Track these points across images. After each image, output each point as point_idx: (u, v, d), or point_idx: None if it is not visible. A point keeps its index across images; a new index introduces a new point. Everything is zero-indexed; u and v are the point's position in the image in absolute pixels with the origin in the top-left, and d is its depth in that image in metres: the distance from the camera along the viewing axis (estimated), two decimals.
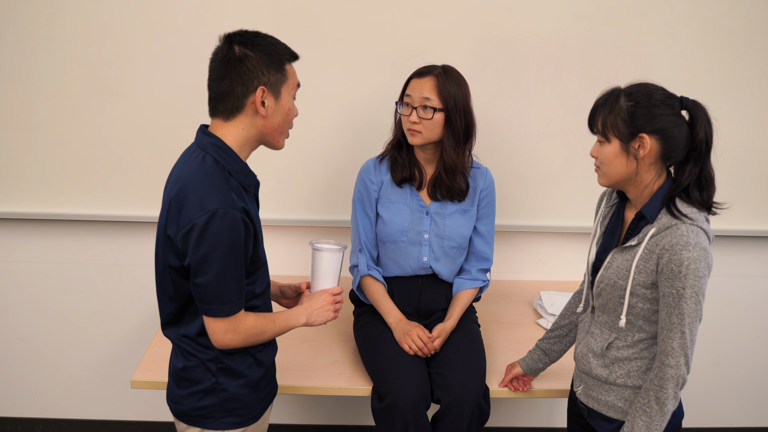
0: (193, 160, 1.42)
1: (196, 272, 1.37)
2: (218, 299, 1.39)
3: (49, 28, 2.20)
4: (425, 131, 1.87)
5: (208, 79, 1.44)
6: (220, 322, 1.42)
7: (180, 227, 1.36)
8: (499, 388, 1.90)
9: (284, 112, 1.46)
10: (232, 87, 1.39)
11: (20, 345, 2.58)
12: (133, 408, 2.67)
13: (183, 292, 1.46)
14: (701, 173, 1.43)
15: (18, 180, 2.34)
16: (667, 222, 1.41)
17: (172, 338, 1.54)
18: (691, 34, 2.29)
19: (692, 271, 1.36)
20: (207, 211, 1.33)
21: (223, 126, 1.43)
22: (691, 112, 1.42)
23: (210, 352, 1.49)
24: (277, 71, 1.42)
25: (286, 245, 2.49)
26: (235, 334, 1.44)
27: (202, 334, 1.48)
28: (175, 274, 1.43)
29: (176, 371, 1.54)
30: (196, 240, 1.34)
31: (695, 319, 1.40)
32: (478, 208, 2.01)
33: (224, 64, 1.40)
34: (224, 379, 1.51)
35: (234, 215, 1.35)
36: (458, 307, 2.01)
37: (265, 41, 1.42)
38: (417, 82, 1.87)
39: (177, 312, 1.49)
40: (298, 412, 2.70)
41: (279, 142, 1.49)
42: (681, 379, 1.42)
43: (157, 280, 1.51)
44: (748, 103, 2.35)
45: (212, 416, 1.52)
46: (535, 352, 1.83)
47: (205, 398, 1.51)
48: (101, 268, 2.50)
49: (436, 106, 1.85)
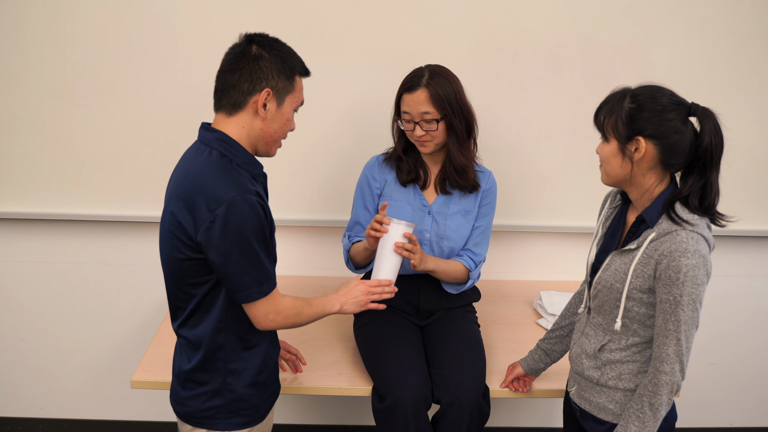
0: (198, 156, 1.43)
1: (225, 262, 1.38)
2: (253, 283, 1.41)
3: (49, 28, 2.20)
4: (434, 139, 1.89)
5: (219, 71, 1.45)
6: (261, 304, 1.44)
7: (198, 223, 1.37)
8: (500, 388, 1.90)
9: (283, 121, 1.47)
10: (239, 81, 1.41)
11: (20, 345, 2.58)
12: (133, 408, 2.67)
13: (198, 287, 1.45)
14: (705, 184, 1.39)
15: (18, 180, 2.34)
16: (667, 227, 1.40)
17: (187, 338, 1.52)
18: (691, 34, 2.29)
19: (690, 279, 1.35)
20: (224, 202, 1.34)
21: (225, 121, 1.44)
22: (699, 119, 1.39)
23: (220, 352, 1.49)
24: (286, 79, 1.44)
25: (286, 245, 2.49)
26: (276, 314, 1.47)
27: (218, 332, 1.48)
28: (188, 268, 1.43)
29: (182, 372, 1.54)
30: (220, 231, 1.35)
31: (691, 327, 1.39)
32: (479, 209, 2.01)
33: (238, 58, 1.42)
34: (231, 380, 1.51)
35: (251, 200, 1.37)
36: (442, 261, 1.95)
37: (283, 48, 1.45)
38: (409, 98, 1.86)
39: (192, 310, 1.49)
40: (298, 412, 2.71)
41: (272, 149, 1.51)
42: (675, 385, 1.41)
43: (169, 280, 1.51)
44: (749, 102, 2.35)
45: (219, 417, 1.53)
46: (536, 352, 1.83)
47: (211, 399, 1.52)
48: (101, 268, 2.50)
49: (435, 117, 1.85)
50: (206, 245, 1.37)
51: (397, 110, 1.92)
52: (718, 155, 1.39)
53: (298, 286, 2.46)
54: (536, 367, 1.83)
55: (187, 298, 1.48)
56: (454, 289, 2.04)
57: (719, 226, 1.44)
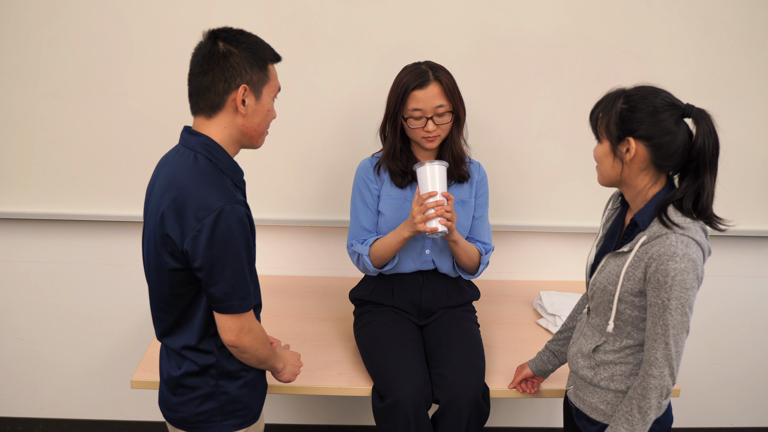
0: (183, 161, 1.39)
1: (211, 272, 1.35)
2: (237, 295, 1.39)
3: (48, 28, 2.20)
4: (442, 133, 1.91)
5: (189, 74, 1.42)
6: (237, 319, 1.41)
7: (185, 231, 1.34)
8: (508, 388, 1.90)
9: (264, 113, 1.44)
10: (213, 83, 1.37)
11: (20, 345, 2.58)
12: (133, 408, 2.67)
13: (182, 297, 1.44)
14: (700, 187, 1.38)
15: (18, 180, 2.34)
16: (657, 230, 1.39)
17: (172, 347, 1.51)
18: (691, 34, 2.29)
19: (678, 283, 1.34)
20: (214, 210, 1.32)
21: (206, 124, 1.42)
22: (694, 120, 1.37)
23: (210, 356, 1.48)
24: (260, 70, 1.41)
25: (284, 245, 2.49)
26: (248, 333, 1.44)
27: (202, 339, 1.47)
28: (174, 278, 1.41)
29: (172, 379, 1.51)
30: (207, 240, 1.32)
31: (681, 331, 1.38)
32: (475, 198, 2.02)
33: (207, 59, 1.37)
34: (224, 382, 1.50)
35: (240, 210, 1.35)
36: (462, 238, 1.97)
37: (249, 39, 1.41)
38: (422, 93, 1.85)
39: (176, 320, 1.47)
40: (299, 412, 2.70)
41: (258, 142, 1.48)
42: (665, 389, 1.40)
43: (153, 289, 1.49)
44: (748, 102, 2.35)
45: (214, 420, 1.51)
46: (544, 353, 1.82)
47: (204, 403, 1.50)
48: (101, 268, 2.50)
49: (448, 109, 1.88)
50: (192, 254, 1.35)
51: (396, 110, 1.90)
52: (713, 157, 1.37)
53: (297, 287, 2.46)
54: (544, 368, 1.82)
55: (170, 309, 1.46)
56: (466, 275, 2.05)
57: (717, 230, 1.43)
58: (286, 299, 2.35)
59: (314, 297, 2.39)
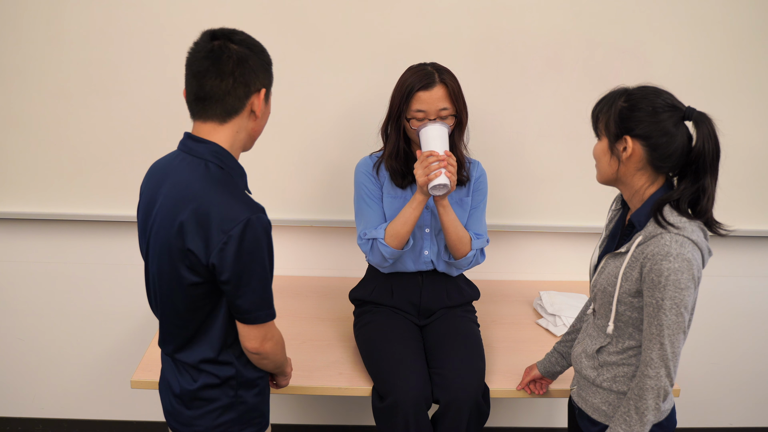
0: (193, 171, 1.34)
1: (238, 284, 1.32)
2: (264, 305, 1.37)
3: (48, 28, 2.20)
4: None
5: (192, 76, 1.33)
6: (261, 328, 1.39)
7: (211, 244, 1.29)
8: (516, 390, 1.90)
9: (268, 115, 1.43)
10: (234, 87, 1.31)
11: (20, 345, 2.58)
12: (133, 408, 2.67)
13: (200, 310, 1.39)
14: (698, 189, 1.38)
15: (18, 180, 2.34)
16: (653, 230, 1.38)
17: (187, 362, 1.45)
18: (691, 34, 2.29)
19: (672, 283, 1.34)
20: (240, 221, 1.28)
21: (218, 130, 1.35)
22: (694, 123, 1.37)
23: (230, 368, 1.45)
24: (269, 73, 1.39)
25: (284, 245, 2.49)
26: (271, 339, 1.43)
27: (221, 351, 1.43)
28: (193, 293, 1.36)
29: (187, 393, 1.46)
30: (235, 252, 1.28)
31: (676, 331, 1.37)
32: (472, 197, 2.02)
33: (221, 61, 1.30)
34: (243, 392, 1.48)
35: (264, 219, 1.32)
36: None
37: (253, 40, 1.37)
38: (426, 95, 1.84)
39: (193, 334, 1.43)
40: (298, 412, 2.71)
41: (253, 144, 1.46)
42: (662, 390, 1.40)
43: (165, 305, 1.43)
44: (748, 103, 2.35)
45: (232, 430, 1.48)
46: (552, 355, 1.82)
47: (224, 414, 1.47)
48: (101, 268, 2.50)
49: (452, 113, 1.87)
50: (220, 267, 1.30)
51: (399, 110, 1.89)
52: (713, 161, 1.37)
53: (297, 286, 2.46)
54: (552, 369, 1.82)
55: (186, 323, 1.41)
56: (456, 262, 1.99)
57: (717, 234, 1.43)
58: (286, 299, 2.35)
59: (314, 297, 2.39)
